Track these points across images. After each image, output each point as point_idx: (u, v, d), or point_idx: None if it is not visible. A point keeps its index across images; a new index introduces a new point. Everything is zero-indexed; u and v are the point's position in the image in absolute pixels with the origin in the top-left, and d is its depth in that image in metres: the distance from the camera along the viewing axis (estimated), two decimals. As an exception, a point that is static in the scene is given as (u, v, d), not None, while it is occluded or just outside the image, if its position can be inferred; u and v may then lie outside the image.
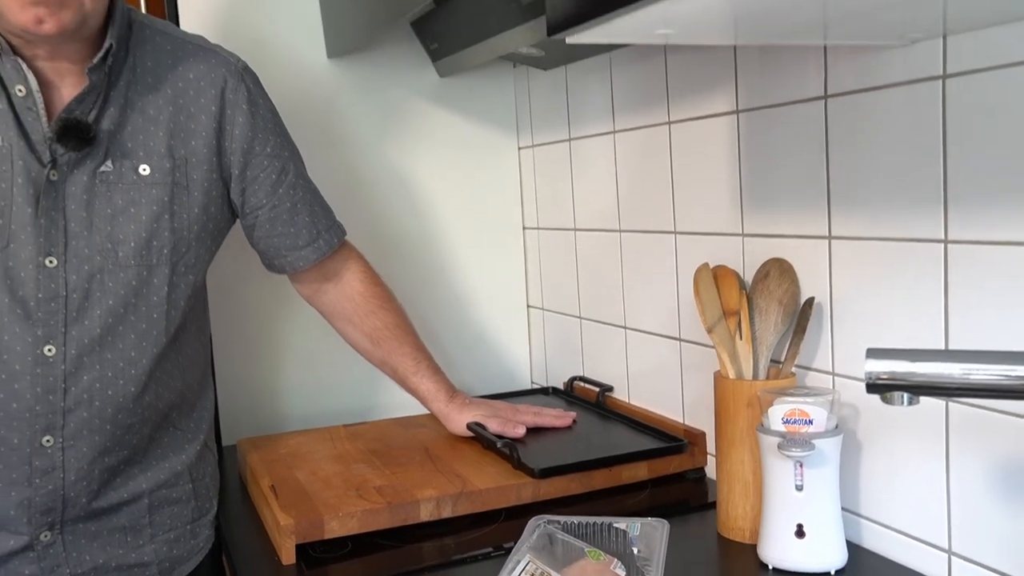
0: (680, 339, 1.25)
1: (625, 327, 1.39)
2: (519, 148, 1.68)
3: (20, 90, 1.00)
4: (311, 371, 1.56)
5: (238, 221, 1.20)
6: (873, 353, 0.54)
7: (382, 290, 1.30)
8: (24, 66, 1.00)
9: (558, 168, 1.55)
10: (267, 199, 1.16)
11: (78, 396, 1.04)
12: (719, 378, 1.02)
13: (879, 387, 0.54)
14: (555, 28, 0.75)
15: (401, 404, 1.44)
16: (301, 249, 1.21)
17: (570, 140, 1.50)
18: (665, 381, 1.30)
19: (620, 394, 1.42)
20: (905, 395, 0.54)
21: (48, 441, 1.04)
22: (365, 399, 1.58)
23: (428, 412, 1.34)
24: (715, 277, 1.06)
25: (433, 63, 1.57)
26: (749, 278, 1.08)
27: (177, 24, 1.42)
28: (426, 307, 1.59)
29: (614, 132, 1.36)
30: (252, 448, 1.33)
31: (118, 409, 1.07)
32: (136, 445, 1.12)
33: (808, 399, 0.92)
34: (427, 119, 1.61)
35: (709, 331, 1.02)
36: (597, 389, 1.44)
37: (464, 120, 1.64)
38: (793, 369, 1.01)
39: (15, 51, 0.99)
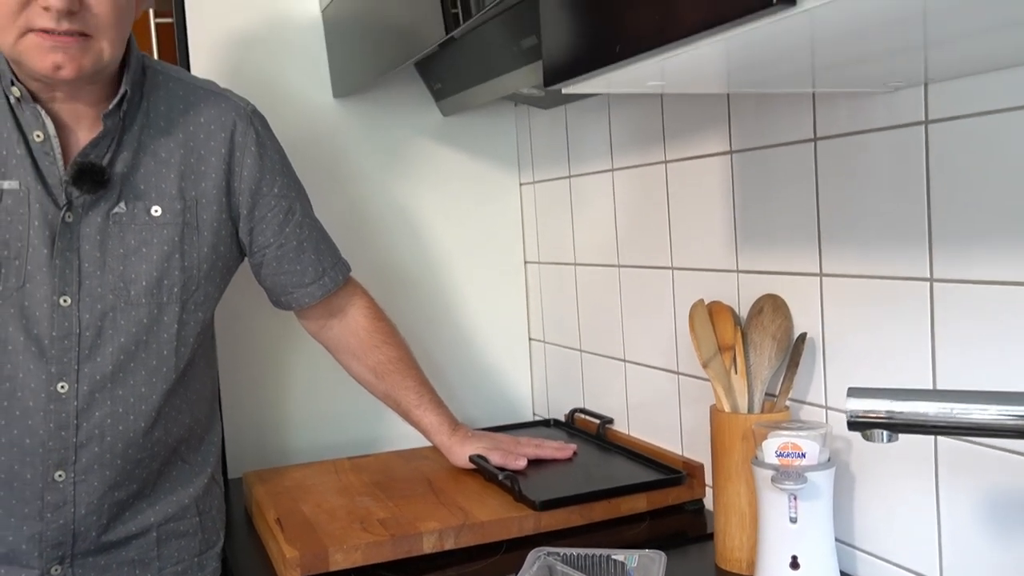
0: (678, 372, 1.28)
1: (625, 360, 1.42)
2: (520, 184, 1.71)
3: (38, 135, 1.04)
4: (316, 404, 1.58)
5: (246, 259, 1.23)
6: (854, 392, 0.57)
7: (386, 325, 1.33)
8: (42, 112, 1.03)
9: (559, 204, 1.58)
10: (274, 238, 1.20)
11: (90, 432, 1.07)
12: (715, 411, 1.05)
13: (860, 425, 0.57)
14: (551, 80, 0.78)
15: (404, 436, 1.46)
16: (307, 286, 1.25)
17: (570, 177, 1.53)
18: (664, 413, 1.32)
19: (620, 426, 1.44)
20: (885, 432, 0.56)
21: (60, 476, 1.07)
22: (369, 432, 1.60)
23: (431, 445, 1.36)
24: (710, 313, 1.09)
25: (436, 102, 1.61)
26: (744, 313, 1.11)
27: (188, 68, 1.46)
28: (430, 341, 1.62)
29: (612, 170, 1.40)
30: (258, 481, 1.35)
31: (128, 444, 1.09)
32: (145, 479, 1.14)
33: (801, 432, 0.94)
34: (431, 157, 1.65)
35: (705, 366, 1.05)
36: (597, 421, 1.46)
37: (467, 157, 1.67)
38: (787, 403, 1.03)
39: (34, 98, 1.03)
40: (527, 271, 1.73)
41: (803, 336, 1.03)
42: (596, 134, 1.44)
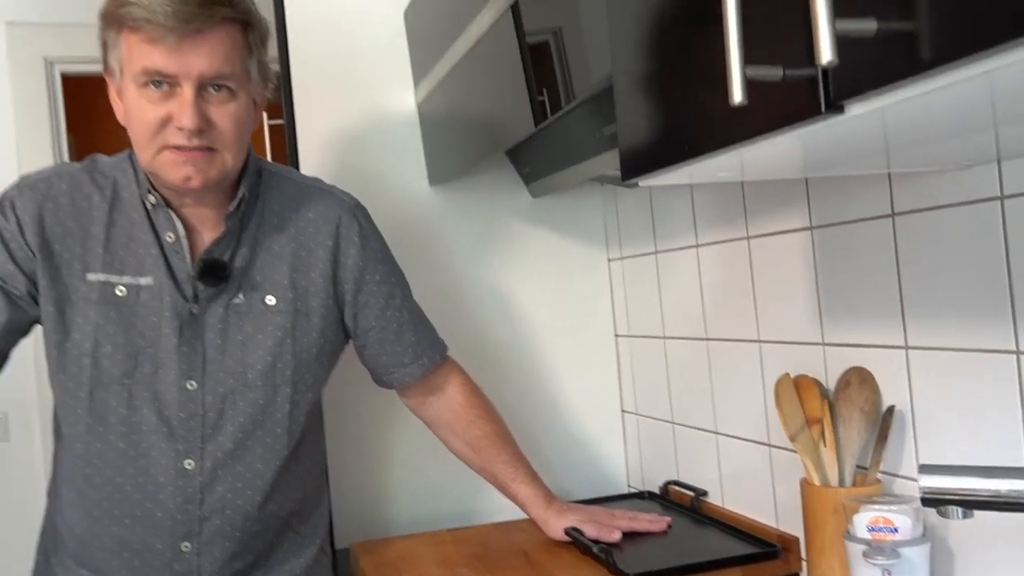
0: (769, 444, 1.29)
1: (716, 432, 1.43)
2: (609, 260, 1.77)
3: (170, 236, 1.16)
4: (417, 477, 1.65)
5: (350, 342, 1.32)
6: (925, 469, 0.59)
7: (482, 400, 1.39)
8: (174, 216, 1.16)
9: (646, 279, 1.63)
10: (376, 322, 1.28)
11: (212, 505, 1.16)
12: (805, 485, 1.06)
13: (933, 501, 0.59)
14: (628, 174, 0.84)
15: (501, 509, 1.50)
16: (407, 366, 1.32)
17: (656, 253, 1.58)
18: (757, 486, 1.33)
19: (714, 498, 1.45)
20: (959, 509, 0.58)
21: (186, 547, 1.16)
22: (468, 504, 1.65)
23: (527, 517, 1.40)
24: (796, 386, 1.11)
25: (526, 185, 1.69)
26: (831, 386, 1.12)
27: (298, 164, 1.59)
28: (524, 414, 1.66)
29: (697, 246, 1.44)
30: (364, 552, 1.41)
31: (246, 517, 1.18)
32: (260, 550, 1.22)
33: (893, 507, 0.94)
34: (521, 236, 1.73)
35: (792, 439, 1.06)
36: (691, 493, 1.47)
37: (556, 236, 1.74)
38: (878, 476, 1.04)
39: (167, 203, 1.16)
40: (618, 344, 1.77)
41: (891, 409, 1.03)
42: (680, 212, 1.48)
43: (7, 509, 2.64)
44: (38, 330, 1.19)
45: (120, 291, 1.15)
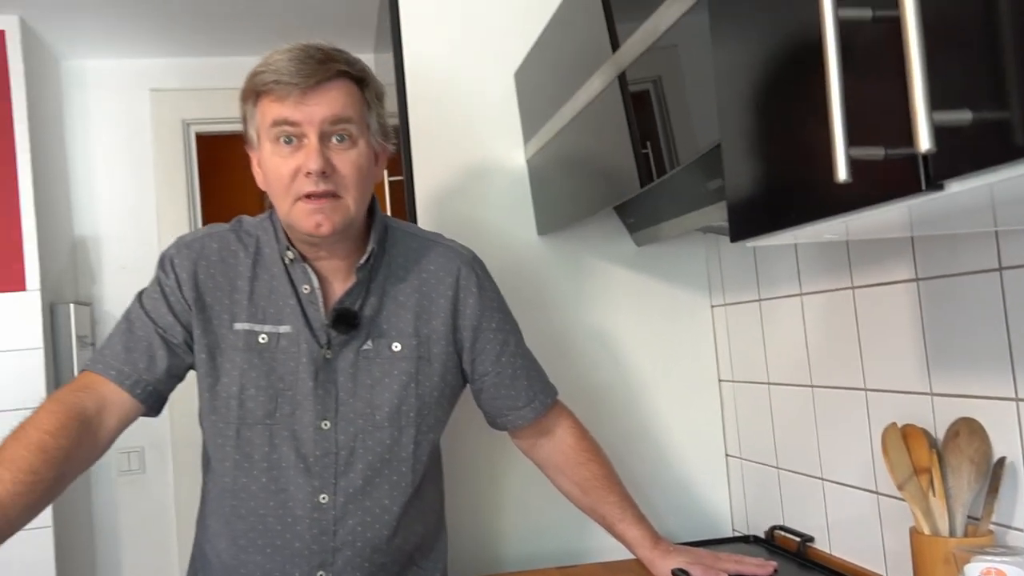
0: (877, 492, 1.30)
1: (822, 478, 1.45)
2: (712, 306, 1.81)
3: (306, 288, 1.27)
4: (527, 516, 1.71)
5: (467, 386, 1.40)
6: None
7: (590, 443, 1.45)
8: (310, 270, 1.27)
9: (750, 325, 1.66)
10: (492, 367, 1.36)
11: (344, 538, 1.25)
12: (914, 534, 1.07)
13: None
14: (736, 236, 0.90)
15: (607, 548, 1.55)
16: (520, 409, 1.39)
17: (759, 300, 1.61)
18: (865, 533, 1.34)
19: (821, 544, 1.46)
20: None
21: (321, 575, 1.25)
22: (575, 543, 1.70)
23: (634, 557, 1.45)
24: (904, 436, 1.13)
25: (630, 234, 1.76)
26: (939, 435, 1.13)
27: (416, 217, 1.70)
28: (630, 457, 1.71)
29: (801, 294, 1.47)
30: (477, 587, 1.48)
31: (374, 550, 1.27)
32: (386, 582, 1.31)
33: (1005, 558, 0.95)
34: (626, 284, 1.79)
35: (900, 488, 1.08)
36: (798, 539, 1.49)
37: (660, 283, 1.80)
38: (990, 527, 1.04)
39: (303, 258, 1.27)
40: (721, 389, 1.80)
41: (1002, 460, 1.04)
42: (784, 261, 1.52)
43: (143, 531, 2.89)
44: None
45: (263, 339, 1.27)
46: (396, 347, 1.30)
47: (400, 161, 1.75)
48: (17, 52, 2.53)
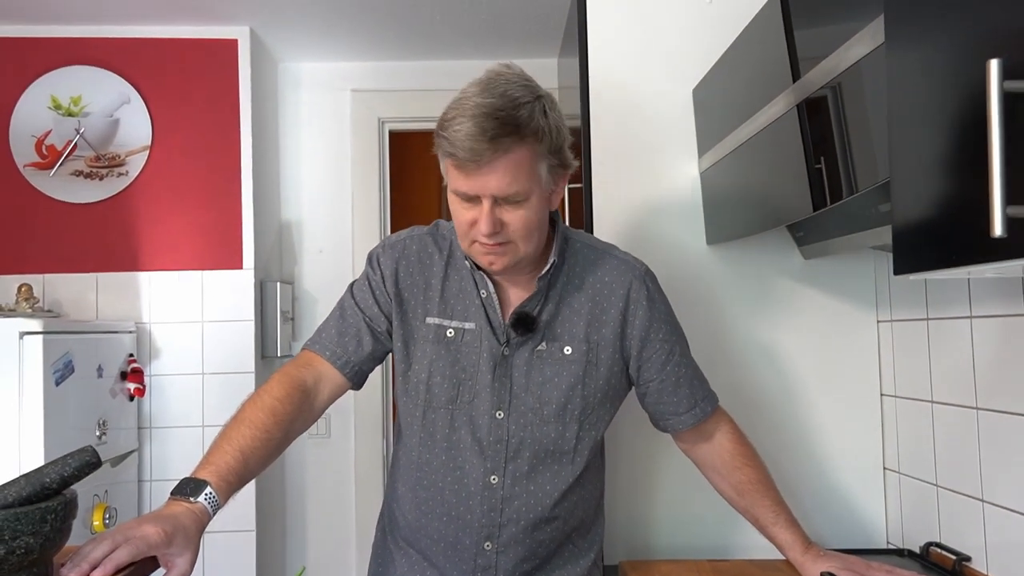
0: (1038, 520, 1.30)
1: (982, 500, 1.45)
2: (878, 321, 1.82)
3: (483, 292, 1.42)
4: (681, 508, 1.80)
5: (633, 388, 1.51)
6: None
7: (748, 449, 1.52)
8: (485, 277, 1.41)
9: (916, 343, 1.67)
10: (656, 375, 1.46)
11: (509, 515, 1.40)
12: (1070, 566, 1.09)
13: None
14: (900, 269, 0.95)
15: (757, 547, 1.61)
16: (681, 415, 1.49)
17: (927, 319, 1.62)
18: (1024, 559, 1.34)
19: (978, 565, 1.47)
20: None
21: (488, 546, 1.41)
22: (726, 538, 1.78)
23: (784, 558, 1.51)
24: (1067, 469, 1.13)
25: (798, 247, 1.80)
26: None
27: (592, 225, 1.81)
28: (787, 463, 1.76)
29: (971, 317, 1.47)
30: (632, 569, 1.59)
31: (535, 528, 1.41)
32: (544, 556, 1.44)
33: None
34: (791, 295, 1.83)
35: (1058, 520, 1.09)
36: (954, 557, 1.49)
37: (826, 296, 1.83)
38: None
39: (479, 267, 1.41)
40: (883, 403, 1.81)
41: None
42: (954, 284, 1.52)
43: (326, 487, 3.20)
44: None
45: (450, 333, 1.42)
46: (567, 350, 1.42)
47: (581, 171, 1.85)
48: (246, 58, 2.86)
